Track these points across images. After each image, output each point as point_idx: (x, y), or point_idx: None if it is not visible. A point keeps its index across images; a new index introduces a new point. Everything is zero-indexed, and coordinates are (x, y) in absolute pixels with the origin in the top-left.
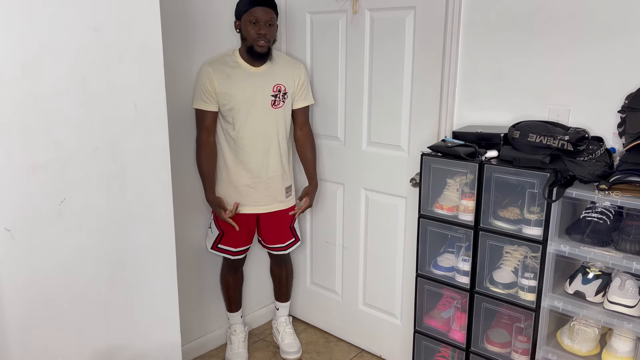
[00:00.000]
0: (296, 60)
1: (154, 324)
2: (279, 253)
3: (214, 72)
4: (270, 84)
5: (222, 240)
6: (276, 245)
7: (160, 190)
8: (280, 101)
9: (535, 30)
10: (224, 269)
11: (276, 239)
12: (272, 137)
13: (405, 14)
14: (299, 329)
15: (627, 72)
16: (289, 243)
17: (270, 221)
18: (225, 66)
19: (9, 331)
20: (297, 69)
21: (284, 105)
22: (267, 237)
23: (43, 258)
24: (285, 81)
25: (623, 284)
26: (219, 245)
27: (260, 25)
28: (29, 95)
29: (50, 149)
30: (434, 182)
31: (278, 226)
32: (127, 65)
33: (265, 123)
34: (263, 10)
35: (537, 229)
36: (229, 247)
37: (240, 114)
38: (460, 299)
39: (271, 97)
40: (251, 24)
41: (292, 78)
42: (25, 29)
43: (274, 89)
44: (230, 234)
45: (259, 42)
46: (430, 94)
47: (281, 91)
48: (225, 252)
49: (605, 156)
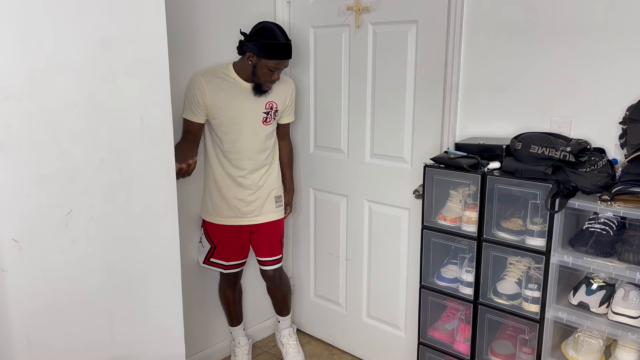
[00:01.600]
0: (287, 78)
1: (158, 335)
2: (271, 268)
3: (206, 84)
4: (262, 102)
5: (214, 254)
6: (269, 258)
7: (166, 202)
8: (272, 118)
9: (536, 42)
10: (221, 283)
11: (268, 251)
12: (262, 152)
13: (408, 27)
14: (302, 341)
15: (628, 84)
16: (279, 257)
17: (262, 232)
18: (218, 79)
19: (15, 340)
20: (290, 86)
21: (274, 122)
22: (259, 250)
23: (50, 268)
24: (277, 99)
25: (627, 295)
26: (211, 259)
27: (275, 73)
28: (37, 107)
29: (58, 161)
30: (437, 193)
31: (270, 237)
32: (133, 78)
33: (255, 140)
34: (283, 62)
35: (540, 240)
36: (221, 260)
37: (231, 129)
38: (464, 311)
39: (263, 114)
40: (269, 70)
41: (285, 96)
42: (33, 43)
43: (266, 107)
44: (221, 248)
45: (269, 84)
46: (433, 106)
47: (273, 108)
48: (218, 266)
49: (607, 167)
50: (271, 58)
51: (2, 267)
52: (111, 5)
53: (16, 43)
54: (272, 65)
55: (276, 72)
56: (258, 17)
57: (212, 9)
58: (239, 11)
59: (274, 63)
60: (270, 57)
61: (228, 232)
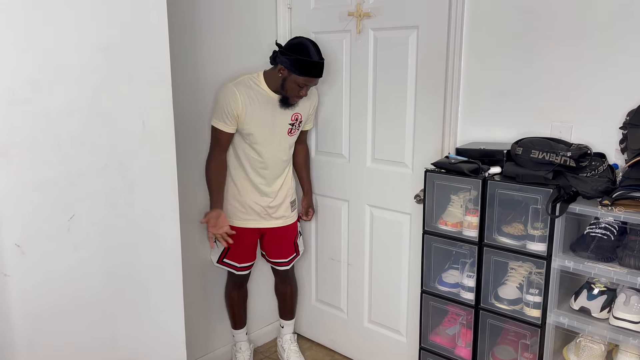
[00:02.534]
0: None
1: (160, 340)
2: (282, 269)
3: (240, 95)
4: (289, 113)
5: (227, 254)
6: (279, 260)
7: (168, 207)
8: (296, 129)
9: (536, 47)
10: (228, 285)
11: (280, 253)
12: (285, 162)
13: (409, 33)
14: (304, 347)
15: (628, 89)
16: (291, 258)
17: (275, 236)
18: (250, 89)
19: (17, 344)
20: (314, 98)
21: (296, 134)
22: (271, 252)
23: (52, 273)
24: (302, 110)
25: (628, 300)
26: (224, 259)
27: (305, 89)
28: (40, 113)
29: (60, 166)
30: (438, 198)
31: (282, 241)
32: (135, 84)
33: (280, 151)
34: (314, 80)
35: (541, 245)
36: (233, 262)
37: (258, 140)
38: (465, 316)
39: (289, 126)
40: (298, 86)
41: (309, 107)
42: (35, 49)
43: (292, 118)
44: (235, 249)
45: (296, 99)
46: (434, 111)
47: (298, 119)
48: (230, 266)
49: (608, 172)
50: (302, 75)
51: (5, 271)
52: (113, 11)
53: (19, 49)
54: (302, 82)
55: (305, 88)
56: (260, 23)
57: (214, 14)
58: (241, 17)
59: (304, 80)
60: (301, 73)
61: (242, 234)
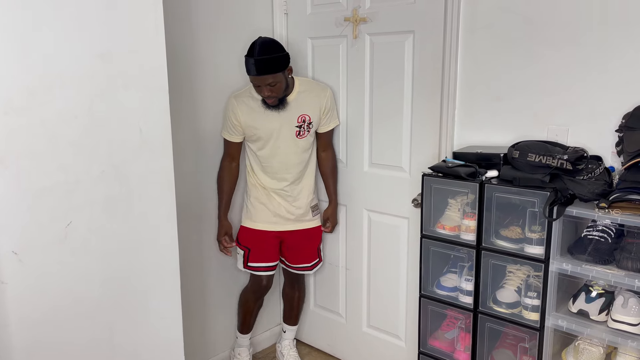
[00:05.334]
0: (322, 85)
1: (158, 346)
2: (303, 273)
3: (238, 105)
4: (294, 116)
5: (250, 257)
6: (302, 265)
7: (165, 213)
8: (305, 131)
9: (532, 51)
10: (248, 292)
11: (302, 258)
12: (299, 165)
13: (405, 38)
14: (302, 352)
15: (624, 92)
16: (314, 263)
17: (296, 240)
18: (250, 99)
19: (15, 352)
20: (323, 96)
21: (308, 135)
22: (292, 257)
23: (49, 280)
24: (310, 111)
25: (626, 302)
26: (249, 263)
27: (262, 88)
28: (37, 120)
29: (57, 173)
30: (436, 202)
31: (304, 245)
32: (132, 91)
33: (291, 153)
34: (258, 79)
35: (539, 248)
36: (258, 263)
37: (265, 145)
38: (464, 319)
39: (296, 128)
40: (256, 87)
41: (318, 107)
42: (33, 57)
43: (299, 120)
44: (256, 249)
45: (267, 100)
46: (431, 115)
47: (306, 121)
48: (257, 269)
49: (605, 175)
50: (248, 74)
51: (2, 279)
52: (110, 18)
53: (16, 57)
54: (254, 83)
55: (262, 88)
56: (256, 29)
57: (211, 20)
58: (238, 23)
59: (252, 80)
60: (247, 72)
61: (258, 235)
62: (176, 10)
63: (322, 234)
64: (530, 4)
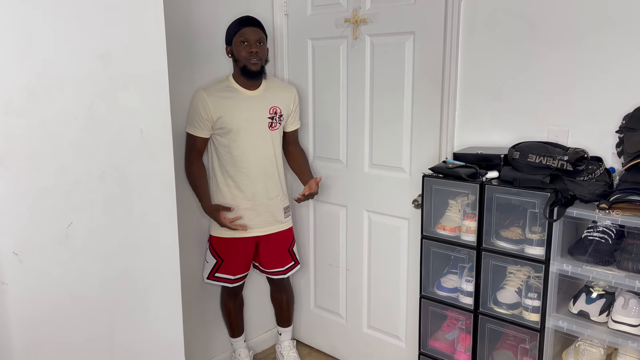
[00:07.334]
0: (288, 84)
1: (158, 347)
2: (279, 277)
3: (208, 97)
4: (266, 107)
5: (220, 268)
6: (275, 269)
7: (165, 214)
8: (277, 123)
9: (533, 52)
10: (223, 295)
11: (275, 262)
12: (271, 158)
13: (405, 38)
14: (303, 353)
15: (624, 93)
16: (288, 267)
17: (270, 244)
18: (221, 91)
19: (15, 352)
20: (291, 92)
21: (280, 127)
22: (267, 262)
23: (50, 281)
24: (280, 103)
25: (627, 303)
26: (216, 274)
27: (251, 44)
28: (37, 121)
29: (57, 174)
30: (436, 203)
31: (277, 249)
32: (133, 92)
33: (263, 145)
34: (252, 30)
35: (540, 249)
36: (226, 275)
37: (238, 137)
38: (464, 320)
39: (268, 119)
40: (242, 45)
41: (288, 101)
42: (32, 57)
43: (270, 111)
44: (229, 262)
45: (252, 60)
46: (431, 116)
47: (277, 113)
48: (223, 280)
49: (605, 176)
50: (236, 31)
51: (2, 280)
52: (110, 18)
53: (16, 57)
54: (242, 39)
55: (249, 44)
56: None
57: (211, 21)
58: None
59: (241, 35)
60: (235, 31)
61: (235, 245)
62: (176, 11)
63: (294, 236)
64: (530, 5)
